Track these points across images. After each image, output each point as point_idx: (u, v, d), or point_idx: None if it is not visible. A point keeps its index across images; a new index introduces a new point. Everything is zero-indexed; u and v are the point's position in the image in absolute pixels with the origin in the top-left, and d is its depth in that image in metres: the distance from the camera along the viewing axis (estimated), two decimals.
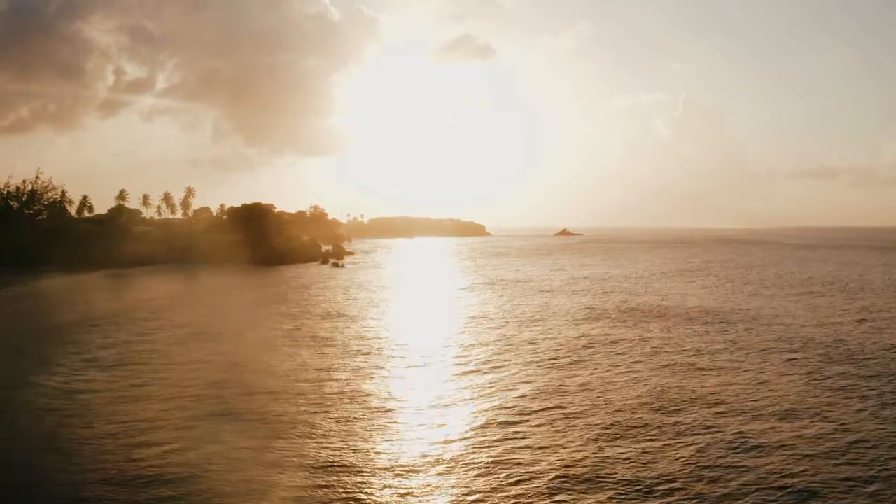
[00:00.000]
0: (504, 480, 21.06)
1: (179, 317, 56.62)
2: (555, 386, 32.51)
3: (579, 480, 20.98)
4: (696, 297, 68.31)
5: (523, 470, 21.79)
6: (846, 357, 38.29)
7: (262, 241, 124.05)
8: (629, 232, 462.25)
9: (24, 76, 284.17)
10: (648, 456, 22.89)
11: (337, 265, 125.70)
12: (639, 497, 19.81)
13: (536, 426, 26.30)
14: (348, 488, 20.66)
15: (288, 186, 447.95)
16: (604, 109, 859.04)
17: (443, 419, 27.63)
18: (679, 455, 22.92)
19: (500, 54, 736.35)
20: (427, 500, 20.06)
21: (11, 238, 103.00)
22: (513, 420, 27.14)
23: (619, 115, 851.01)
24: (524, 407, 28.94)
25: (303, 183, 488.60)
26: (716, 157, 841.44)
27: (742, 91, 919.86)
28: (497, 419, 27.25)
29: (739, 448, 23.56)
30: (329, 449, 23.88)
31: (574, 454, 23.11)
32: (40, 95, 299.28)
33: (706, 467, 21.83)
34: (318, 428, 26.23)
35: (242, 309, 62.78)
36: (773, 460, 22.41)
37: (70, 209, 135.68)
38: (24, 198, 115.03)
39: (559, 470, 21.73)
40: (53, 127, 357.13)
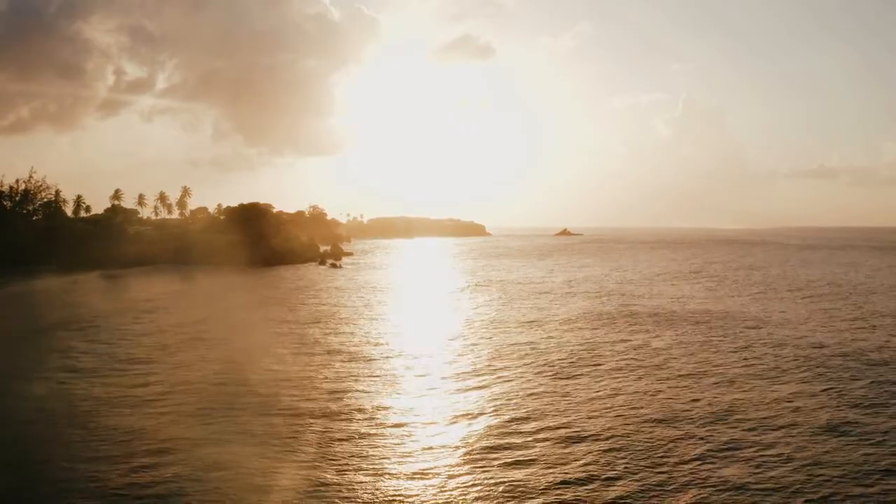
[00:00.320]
0: (499, 495, 19.75)
1: (163, 320, 55.16)
2: (556, 394, 31.14)
3: (580, 499, 19.67)
4: (702, 300, 66.92)
5: (520, 485, 20.48)
6: (865, 366, 35.98)
7: (260, 242, 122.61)
8: (629, 232, 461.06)
9: (24, 76, 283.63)
10: (655, 477, 21.54)
11: (335, 266, 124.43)
12: None
13: (535, 439, 24.94)
14: (343, 491, 19.53)
15: (288, 186, 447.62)
16: (604, 109, 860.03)
17: (437, 424, 26.38)
18: (689, 478, 21.58)
19: (500, 54, 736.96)
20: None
21: (4, 238, 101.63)
22: (508, 432, 25.76)
23: (619, 115, 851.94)
24: (521, 417, 27.55)
25: (303, 183, 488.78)
26: (716, 157, 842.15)
27: (742, 91, 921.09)
28: (491, 430, 25.90)
29: (757, 465, 22.24)
30: (317, 457, 22.58)
31: (573, 469, 21.79)
32: (40, 95, 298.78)
33: (717, 486, 20.51)
34: (302, 439, 24.91)
35: (230, 311, 61.28)
36: (800, 480, 21.07)
37: (67, 209, 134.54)
38: (18, 197, 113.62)
39: (558, 488, 20.41)
40: (53, 127, 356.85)
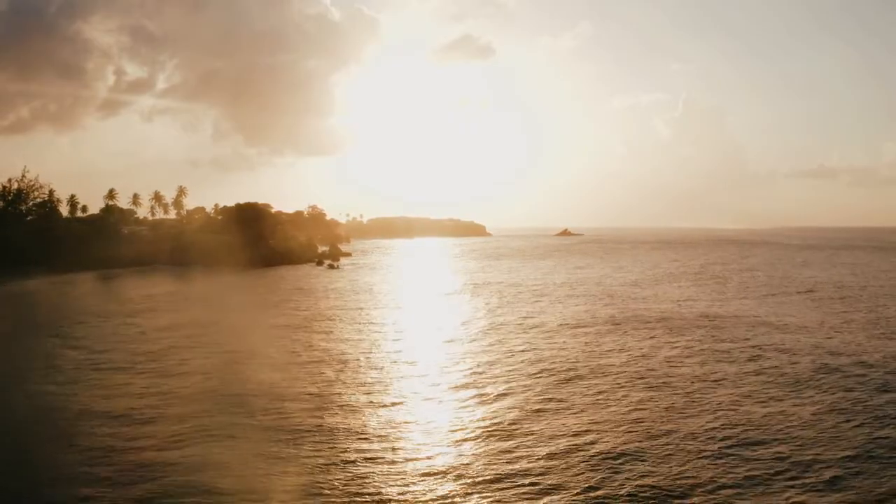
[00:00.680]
0: None
1: (149, 323, 53.63)
2: (559, 403, 29.65)
3: None
4: (709, 303, 65.41)
5: (517, 496, 19.02)
6: (890, 376, 34.08)
7: (257, 242, 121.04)
8: (629, 232, 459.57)
9: (25, 76, 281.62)
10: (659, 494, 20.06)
11: (332, 266, 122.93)
12: None
13: (533, 450, 23.46)
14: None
15: (288, 186, 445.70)
16: (604, 109, 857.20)
17: (431, 427, 25.17)
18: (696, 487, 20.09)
19: (501, 54, 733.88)
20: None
21: None
22: (505, 444, 24.30)
23: (619, 115, 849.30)
24: (519, 429, 26.10)
25: (303, 183, 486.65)
26: (716, 157, 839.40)
27: (742, 91, 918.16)
28: (485, 442, 24.43)
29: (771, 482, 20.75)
30: (305, 464, 21.12)
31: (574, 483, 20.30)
32: (40, 95, 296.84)
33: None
34: (288, 445, 23.43)
35: (217, 315, 59.33)
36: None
37: (63, 210, 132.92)
38: (11, 197, 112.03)
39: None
40: (53, 127, 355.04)
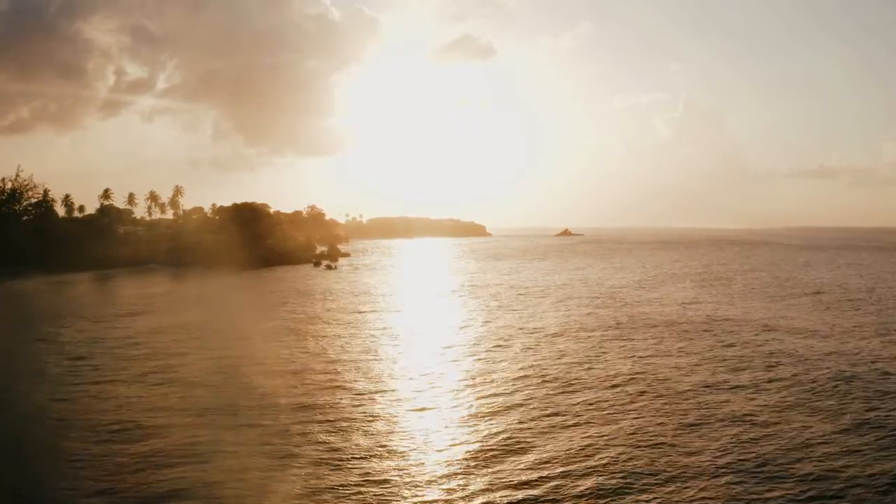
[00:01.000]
0: None
1: (129, 327, 52.18)
2: (565, 417, 28.21)
3: None
4: (715, 307, 63.92)
5: None
6: None
7: (254, 242, 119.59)
8: (629, 232, 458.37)
9: (25, 76, 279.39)
10: None
11: (330, 267, 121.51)
12: None
13: (531, 467, 22.05)
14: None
15: (288, 187, 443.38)
16: (604, 109, 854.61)
17: (425, 432, 23.83)
18: None
19: (501, 54, 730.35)
20: None
21: None
22: (501, 455, 22.88)
23: (619, 115, 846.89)
24: (518, 444, 24.64)
25: (303, 183, 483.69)
26: (716, 157, 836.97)
27: (742, 91, 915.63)
28: (483, 452, 23.02)
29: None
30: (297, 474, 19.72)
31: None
32: (40, 95, 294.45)
33: None
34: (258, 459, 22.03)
35: (206, 318, 57.90)
36: None
37: (59, 210, 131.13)
38: (5, 196, 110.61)
39: None
40: (53, 127, 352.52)
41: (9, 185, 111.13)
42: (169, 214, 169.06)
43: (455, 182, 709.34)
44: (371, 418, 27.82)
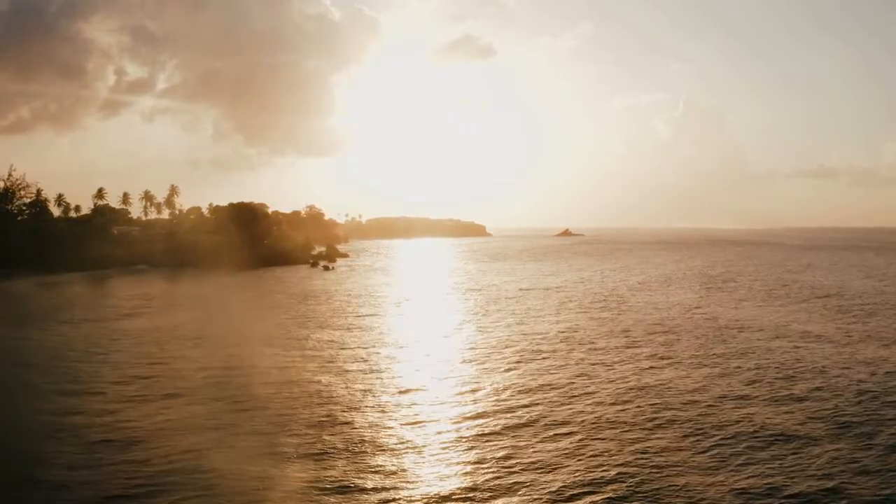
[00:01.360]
0: None
1: (116, 330, 50.49)
2: (569, 428, 26.34)
3: None
4: (724, 310, 62.17)
5: None
6: None
7: (251, 242, 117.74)
8: (629, 232, 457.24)
9: (25, 76, 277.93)
10: None
11: (327, 268, 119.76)
12: None
13: (533, 482, 20.23)
14: None
15: (288, 187, 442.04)
16: (604, 109, 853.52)
17: (419, 436, 21.89)
18: None
19: (501, 54, 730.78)
20: None
21: None
22: (500, 462, 21.05)
23: (619, 115, 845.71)
24: (520, 456, 22.83)
25: (303, 183, 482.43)
26: (716, 157, 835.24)
27: (742, 91, 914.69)
28: (482, 461, 21.20)
29: None
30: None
31: None
32: (41, 95, 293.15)
33: None
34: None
35: (195, 321, 56.05)
36: None
37: (54, 210, 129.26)
38: None
39: None
40: (54, 127, 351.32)
41: (1, 185, 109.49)
42: (165, 214, 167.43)
43: (455, 182, 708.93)
44: (365, 423, 26.19)
